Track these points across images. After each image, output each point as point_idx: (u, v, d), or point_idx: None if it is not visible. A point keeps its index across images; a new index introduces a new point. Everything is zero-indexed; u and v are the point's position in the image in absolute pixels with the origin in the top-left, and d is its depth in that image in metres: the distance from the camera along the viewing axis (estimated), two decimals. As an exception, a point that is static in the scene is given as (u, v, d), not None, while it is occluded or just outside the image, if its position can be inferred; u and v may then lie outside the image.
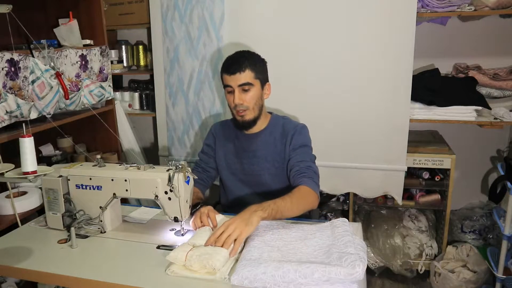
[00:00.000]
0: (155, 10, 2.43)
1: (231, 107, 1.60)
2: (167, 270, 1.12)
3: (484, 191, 2.67)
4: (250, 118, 1.59)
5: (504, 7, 2.08)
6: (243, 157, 1.67)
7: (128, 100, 2.78)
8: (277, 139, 1.63)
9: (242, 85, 1.54)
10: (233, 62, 1.56)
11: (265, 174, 1.65)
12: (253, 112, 1.58)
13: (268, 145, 1.64)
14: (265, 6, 2.19)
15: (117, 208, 1.44)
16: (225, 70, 1.57)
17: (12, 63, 1.53)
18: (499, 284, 2.05)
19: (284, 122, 1.67)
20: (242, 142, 1.68)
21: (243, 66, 1.53)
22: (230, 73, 1.54)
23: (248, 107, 1.56)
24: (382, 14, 2.04)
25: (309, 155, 1.60)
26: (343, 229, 1.23)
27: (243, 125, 1.61)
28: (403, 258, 2.38)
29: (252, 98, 1.56)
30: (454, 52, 2.48)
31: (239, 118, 1.59)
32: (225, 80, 1.57)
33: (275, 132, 1.65)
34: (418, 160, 2.28)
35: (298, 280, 1.01)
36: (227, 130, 1.73)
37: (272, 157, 1.63)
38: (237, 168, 1.69)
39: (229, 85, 1.56)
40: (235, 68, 1.53)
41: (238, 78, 1.53)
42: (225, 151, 1.71)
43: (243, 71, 1.53)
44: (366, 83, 2.14)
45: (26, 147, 1.22)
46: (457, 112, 2.21)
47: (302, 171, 1.52)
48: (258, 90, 1.58)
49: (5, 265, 1.20)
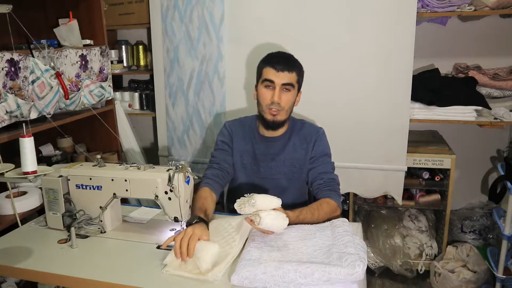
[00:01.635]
0: (155, 10, 2.43)
1: (263, 103, 1.54)
2: (163, 270, 1.12)
3: (484, 191, 2.67)
4: (281, 119, 1.55)
5: (504, 7, 2.08)
6: (262, 160, 1.63)
7: (128, 100, 2.78)
8: (297, 144, 1.61)
9: (286, 84, 1.51)
10: (282, 59, 1.52)
11: (282, 178, 1.62)
12: (286, 114, 1.55)
13: (288, 149, 1.61)
14: (265, 6, 2.19)
15: (117, 208, 1.44)
16: (270, 64, 1.51)
17: (12, 63, 1.53)
18: (499, 284, 2.05)
19: (303, 126, 1.64)
20: (260, 145, 1.63)
21: (293, 67, 1.51)
22: (277, 69, 1.49)
23: (283, 108, 1.52)
24: (382, 14, 2.05)
25: (331, 164, 1.60)
26: (343, 229, 1.23)
27: (273, 125, 1.56)
28: (403, 258, 2.38)
29: (289, 100, 1.53)
30: (454, 52, 2.48)
31: (270, 117, 1.54)
32: (267, 74, 1.51)
33: (294, 136, 1.62)
34: (418, 160, 2.28)
35: (298, 280, 1.01)
36: (245, 130, 1.67)
37: (290, 162, 1.61)
38: (253, 170, 1.65)
39: (271, 80, 1.50)
40: (285, 66, 1.49)
41: (284, 76, 1.49)
42: (242, 151, 1.66)
43: (291, 71, 1.50)
44: (366, 84, 2.14)
45: (26, 147, 1.22)
46: (457, 112, 2.21)
47: (327, 184, 1.52)
48: (295, 94, 1.56)
49: (5, 265, 1.20)
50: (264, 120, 1.57)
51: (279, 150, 1.62)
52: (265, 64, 1.54)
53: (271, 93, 1.51)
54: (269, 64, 1.52)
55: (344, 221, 1.29)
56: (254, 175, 1.65)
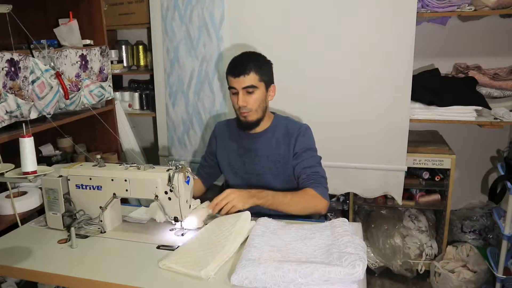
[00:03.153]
0: (155, 10, 2.43)
1: (235, 108, 1.61)
2: (159, 263, 1.14)
3: (484, 191, 2.67)
4: (253, 120, 1.59)
5: (504, 7, 2.08)
6: (246, 156, 1.67)
7: (128, 100, 2.78)
8: (280, 140, 1.64)
9: (246, 87, 1.54)
10: (237, 64, 1.55)
11: (267, 173, 1.65)
12: (257, 114, 1.59)
13: (271, 145, 1.64)
14: (265, 6, 2.19)
15: (117, 208, 1.44)
16: (229, 72, 1.56)
17: (12, 63, 1.53)
18: (499, 284, 2.05)
19: (287, 123, 1.67)
20: (244, 142, 1.68)
21: (247, 69, 1.52)
22: (234, 75, 1.54)
23: (252, 109, 1.57)
24: (382, 14, 2.05)
25: (315, 158, 1.61)
26: (343, 229, 1.23)
27: (246, 126, 1.62)
28: (403, 258, 2.38)
29: (256, 100, 1.56)
30: (454, 52, 2.48)
31: (242, 119, 1.60)
32: (229, 81, 1.57)
33: (277, 132, 1.65)
34: (418, 160, 2.28)
35: (298, 280, 1.01)
36: (232, 129, 1.74)
37: (274, 157, 1.63)
38: (239, 167, 1.70)
39: (233, 87, 1.56)
40: (240, 71, 1.52)
41: (242, 80, 1.53)
42: (228, 150, 1.72)
43: (247, 74, 1.52)
44: (366, 83, 2.14)
45: (26, 147, 1.22)
46: (457, 112, 2.21)
47: (311, 177, 1.54)
48: (262, 92, 1.58)
49: (5, 265, 1.20)
50: (239, 122, 1.64)
51: (261, 145, 1.65)
52: (227, 71, 1.59)
53: (237, 98, 1.56)
54: (228, 71, 1.58)
55: (344, 221, 1.29)
56: (241, 171, 1.70)
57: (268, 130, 1.66)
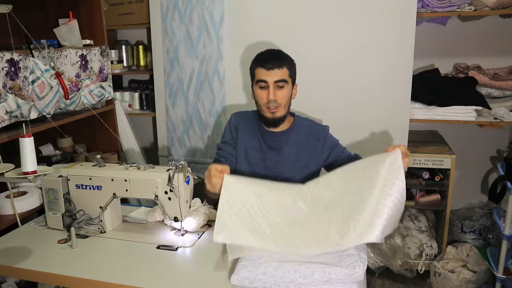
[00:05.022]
0: (155, 10, 2.43)
1: (261, 103, 1.56)
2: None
3: (484, 191, 2.67)
4: (280, 116, 1.56)
5: (504, 7, 2.08)
6: (267, 153, 1.64)
7: (128, 100, 2.78)
8: (303, 140, 1.62)
9: (278, 81, 1.51)
10: (271, 58, 1.53)
11: (287, 172, 1.63)
12: (284, 110, 1.56)
13: (294, 144, 1.62)
14: (265, 6, 2.19)
15: (117, 208, 1.44)
16: (261, 65, 1.52)
17: (12, 63, 1.53)
18: (499, 284, 2.05)
19: (309, 124, 1.67)
20: (267, 140, 1.64)
21: (282, 63, 1.51)
22: (267, 68, 1.50)
23: (281, 104, 1.54)
24: (382, 14, 2.05)
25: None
26: None
27: (273, 122, 1.58)
28: (403, 258, 2.38)
29: (285, 95, 1.54)
30: (454, 52, 2.48)
31: (270, 115, 1.56)
32: (259, 74, 1.53)
33: (300, 132, 1.64)
34: (418, 160, 2.28)
35: (298, 280, 1.01)
36: (250, 123, 1.69)
37: (296, 157, 1.62)
38: (257, 163, 1.65)
39: (264, 80, 1.52)
40: (274, 64, 1.50)
41: (275, 74, 1.50)
42: (246, 144, 1.67)
43: (281, 68, 1.50)
44: (366, 83, 2.14)
45: (26, 147, 1.22)
46: (457, 112, 2.21)
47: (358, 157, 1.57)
48: (290, 88, 1.57)
49: (5, 265, 1.20)
50: (264, 118, 1.59)
51: (286, 144, 1.63)
52: (255, 64, 1.56)
53: (266, 92, 1.53)
54: (259, 65, 1.54)
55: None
56: (258, 168, 1.66)
57: (291, 129, 1.64)
